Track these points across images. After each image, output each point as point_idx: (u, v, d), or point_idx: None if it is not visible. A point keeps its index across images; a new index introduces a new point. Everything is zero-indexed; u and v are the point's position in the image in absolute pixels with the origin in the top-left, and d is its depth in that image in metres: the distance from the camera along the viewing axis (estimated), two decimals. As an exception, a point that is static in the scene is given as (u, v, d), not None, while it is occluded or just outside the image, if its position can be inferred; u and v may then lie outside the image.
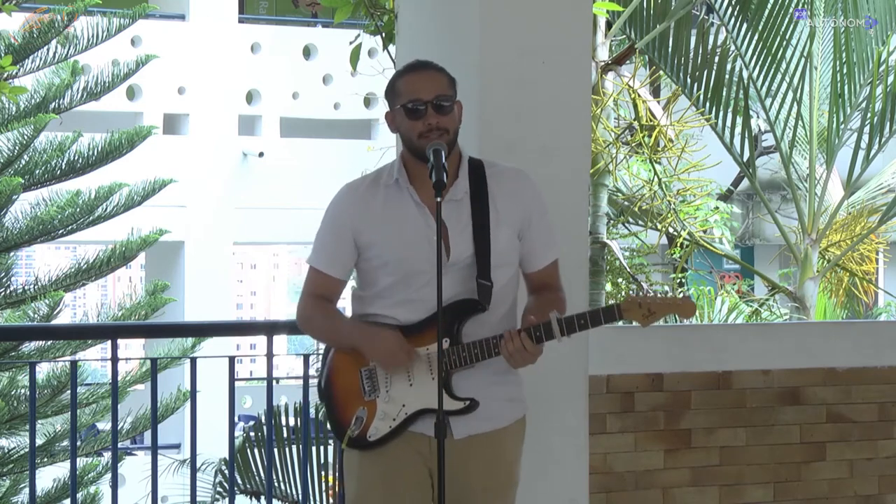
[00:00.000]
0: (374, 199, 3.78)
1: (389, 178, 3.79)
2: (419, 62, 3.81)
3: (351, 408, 3.78)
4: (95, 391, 12.35)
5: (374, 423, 3.75)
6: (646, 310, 3.66)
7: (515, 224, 3.79)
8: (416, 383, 3.73)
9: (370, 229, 3.77)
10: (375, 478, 3.79)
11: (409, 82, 3.74)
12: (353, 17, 6.47)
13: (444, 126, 3.69)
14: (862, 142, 9.86)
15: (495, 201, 3.77)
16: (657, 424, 4.96)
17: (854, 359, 5.23)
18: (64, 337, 10.92)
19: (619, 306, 3.68)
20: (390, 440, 3.76)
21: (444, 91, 3.72)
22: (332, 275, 3.83)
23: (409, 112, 3.71)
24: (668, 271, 13.18)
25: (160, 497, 4.93)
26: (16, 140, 12.28)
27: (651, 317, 3.67)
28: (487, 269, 3.73)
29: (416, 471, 3.77)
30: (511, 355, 3.68)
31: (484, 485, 3.80)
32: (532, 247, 3.83)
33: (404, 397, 3.74)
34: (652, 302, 3.66)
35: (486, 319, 3.74)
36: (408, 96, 3.72)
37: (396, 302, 3.76)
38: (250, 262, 36.08)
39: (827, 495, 5.17)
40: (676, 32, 9.39)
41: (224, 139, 18.06)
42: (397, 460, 3.77)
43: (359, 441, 3.77)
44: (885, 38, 9.90)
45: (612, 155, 9.24)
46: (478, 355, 3.69)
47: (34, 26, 12.25)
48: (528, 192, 3.82)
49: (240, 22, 18.95)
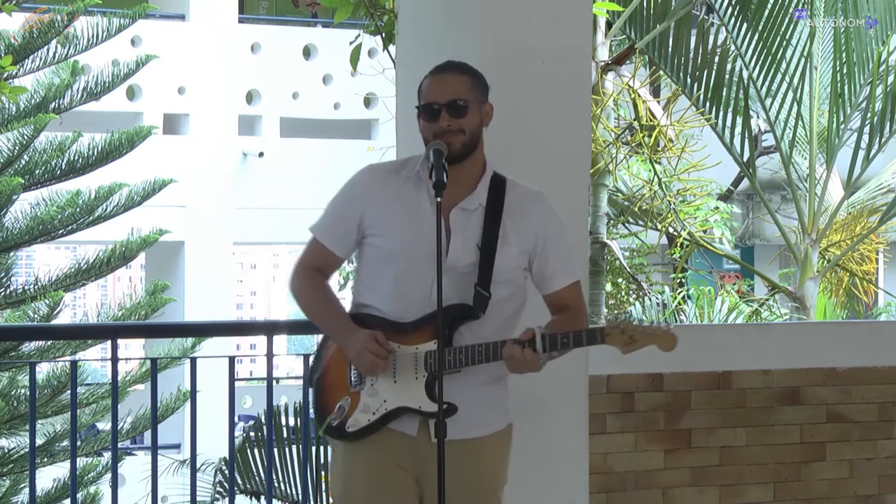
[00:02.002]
0: (391, 186, 3.82)
1: (412, 170, 3.82)
2: (444, 64, 3.85)
3: (336, 396, 3.81)
4: (95, 391, 12.35)
5: (355, 415, 3.78)
6: (627, 337, 3.69)
7: (525, 246, 3.81)
8: (399, 381, 3.75)
9: (378, 214, 3.79)
10: (358, 473, 3.81)
11: (429, 84, 3.80)
12: (353, 17, 6.47)
13: (458, 127, 3.74)
14: (862, 142, 9.85)
15: (509, 219, 3.80)
16: (657, 424, 4.96)
17: (854, 359, 5.23)
18: (64, 337, 10.91)
19: (603, 330, 3.71)
20: (369, 434, 3.78)
21: (460, 94, 3.76)
22: (331, 249, 3.86)
23: (425, 113, 3.77)
24: (668, 271, 13.19)
25: (160, 497, 4.93)
26: (16, 140, 12.29)
27: (632, 344, 3.70)
28: (488, 280, 3.75)
29: (398, 468, 3.78)
30: (506, 359, 3.69)
31: (462, 489, 3.80)
32: (546, 269, 3.85)
33: (386, 393, 3.76)
34: (634, 330, 3.69)
35: (480, 330, 3.75)
36: (425, 98, 3.78)
37: (390, 296, 3.77)
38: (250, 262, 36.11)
39: (827, 495, 5.18)
40: (676, 32, 9.39)
41: (224, 139, 18.06)
42: (380, 457, 3.79)
43: (338, 430, 3.80)
44: (885, 38, 9.90)
45: (612, 155, 9.24)
46: (462, 360, 3.71)
47: (34, 26, 12.25)
48: (543, 216, 3.85)
49: (240, 22, 18.96)
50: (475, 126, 3.78)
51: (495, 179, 3.84)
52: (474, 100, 3.78)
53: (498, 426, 3.87)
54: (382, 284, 3.80)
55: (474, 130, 3.77)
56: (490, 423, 3.86)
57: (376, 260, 3.81)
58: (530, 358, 3.67)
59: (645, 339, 3.71)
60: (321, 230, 3.88)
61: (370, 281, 3.83)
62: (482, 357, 3.71)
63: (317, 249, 3.87)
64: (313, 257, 3.88)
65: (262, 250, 33.34)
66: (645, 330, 3.70)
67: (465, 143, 3.74)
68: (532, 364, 3.68)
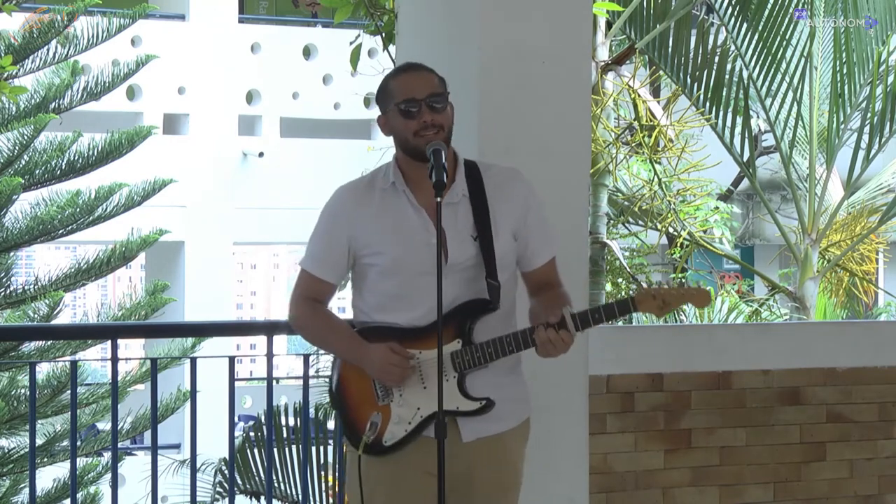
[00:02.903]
0: (370, 203, 3.75)
1: (385, 181, 3.76)
2: (408, 64, 3.80)
3: (365, 413, 3.73)
4: (95, 391, 12.36)
5: (390, 428, 3.72)
6: (660, 301, 3.64)
7: (511, 225, 3.78)
8: (429, 386, 3.69)
9: (366, 234, 3.74)
10: (379, 480, 3.76)
11: (401, 82, 3.72)
12: (353, 17, 6.47)
13: (439, 123, 3.68)
14: (862, 142, 9.85)
15: (493, 203, 3.75)
16: (657, 424, 4.96)
17: (854, 359, 5.23)
18: (64, 337, 10.92)
19: (634, 298, 3.65)
20: (406, 444, 3.73)
21: (437, 90, 3.70)
22: (324, 279, 3.81)
23: (404, 112, 3.69)
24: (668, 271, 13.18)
25: (160, 497, 4.93)
26: (16, 140, 12.29)
27: (665, 308, 3.65)
28: (494, 269, 3.72)
29: (425, 477, 3.71)
30: (541, 344, 3.65)
31: (490, 487, 3.78)
32: (529, 245, 3.81)
33: (418, 401, 3.71)
34: (666, 293, 3.64)
35: (489, 320, 3.72)
36: (401, 95, 3.70)
37: (398, 307, 3.72)
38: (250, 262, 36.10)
39: (827, 495, 5.17)
40: (676, 32, 9.39)
41: (224, 139, 18.06)
42: (407, 469, 3.74)
43: (375, 446, 3.73)
44: (885, 38, 9.90)
45: (612, 155, 9.24)
46: (492, 354, 3.68)
47: (34, 26, 12.26)
48: (522, 192, 3.80)
49: (240, 22, 18.96)
50: (451, 123, 3.72)
51: (467, 166, 3.79)
52: (447, 96, 3.73)
53: (522, 416, 3.86)
54: (387, 298, 3.75)
55: (451, 128, 3.72)
56: (516, 414, 3.84)
57: (376, 276, 3.75)
58: (567, 339, 3.63)
59: (678, 299, 3.65)
60: (311, 263, 3.81)
61: (373, 298, 3.78)
62: (512, 347, 3.67)
63: (310, 281, 3.82)
64: (307, 289, 3.82)
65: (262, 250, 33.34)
66: (678, 291, 3.65)
67: (445, 141, 3.69)
68: (568, 345, 3.64)
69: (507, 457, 3.82)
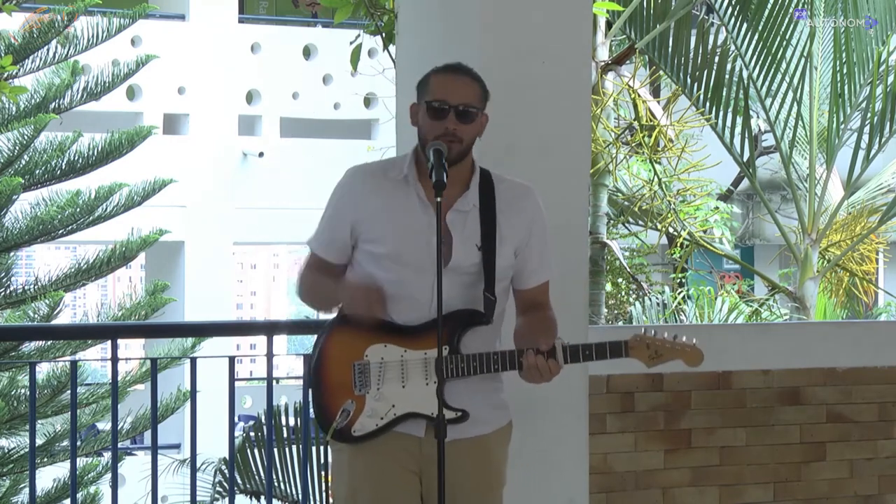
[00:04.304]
0: (380, 190, 3.76)
1: (399, 172, 3.77)
2: (458, 65, 3.78)
3: (339, 399, 3.73)
4: (95, 391, 12.35)
5: (361, 419, 3.72)
6: (653, 352, 3.67)
7: (515, 241, 3.78)
8: (409, 385, 3.70)
9: (370, 220, 3.75)
10: (364, 477, 3.77)
11: (441, 82, 3.73)
12: (353, 17, 6.47)
13: (460, 135, 3.68)
14: (862, 142, 9.86)
15: (503, 217, 3.76)
16: (657, 424, 4.96)
17: (854, 359, 5.23)
18: (64, 337, 10.92)
19: (627, 343, 3.68)
20: (374, 437, 3.73)
21: (472, 101, 3.71)
22: (330, 260, 3.82)
23: (432, 111, 3.70)
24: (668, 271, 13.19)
25: (160, 497, 4.93)
26: (16, 140, 12.29)
27: (657, 359, 3.68)
28: (493, 282, 3.73)
29: (404, 471, 3.74)
30: (528, 369, 3.66)
31: (470, 486, 3.79)
32: (527, 265, 3.81)
33: (395, 398, 3.71)
34: (661, 345, 3.67)
35: (480, 331, 3.73)
36: (435, 94, 3.71)
37: (392, 300, 3.71)
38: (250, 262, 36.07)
39: (827, 495, 5.17)
40: (676, 32, 9.40)
41: (224, 139, 18.07)
42: (386, 460, 3.75)
43: (342, 434, 3.73)
44: (885, 38, 9.90)
45: (612, 155, 9.25)
46: (476, 368, 3.68)
47: (34, 26, 12.26)
48: (530, 211, 3.81)
49: (240, 22, 18.96)
50: (474, 136, 3.74)
51: (483, 176, 3.80)
52: (480, 110, 3.74)
53: (501, 422, 3.86)
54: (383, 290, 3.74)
55: (472, 140, 3.73)
56: (495, 420, 3.84)
57: (371, 265, 3.75)
58: (554, 369, 3.64)
59: (671, 354, 3.67)
60: (317, 244, 3.84)
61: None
62: (497, 366, 3.68)
63: (316, 261, 3.84)
64: (312, 266, 3.85)
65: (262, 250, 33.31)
66: (672, 345, 3.67)
67: (460, 152, 3.70)
68: (554, 374, 3.65)
69: (487, 458, 3.82)
